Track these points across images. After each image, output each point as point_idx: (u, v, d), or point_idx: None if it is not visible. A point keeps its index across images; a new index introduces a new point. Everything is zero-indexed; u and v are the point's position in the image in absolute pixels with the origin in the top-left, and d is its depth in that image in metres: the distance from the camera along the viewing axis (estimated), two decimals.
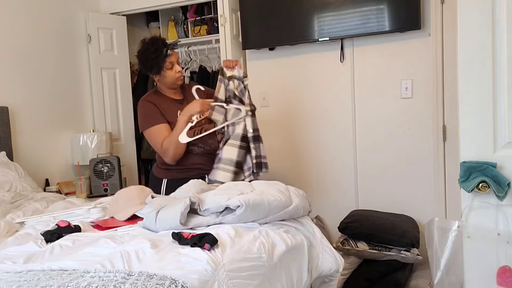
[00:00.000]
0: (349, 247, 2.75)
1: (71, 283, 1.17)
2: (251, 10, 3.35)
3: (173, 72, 2.46)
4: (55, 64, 3.51)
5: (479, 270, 1.59)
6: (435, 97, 2.91)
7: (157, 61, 2.41)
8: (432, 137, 2.96)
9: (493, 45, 1.53)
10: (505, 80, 1.54)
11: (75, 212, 2.13)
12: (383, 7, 2.95)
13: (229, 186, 1.96)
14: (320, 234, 1.94)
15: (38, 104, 3.36)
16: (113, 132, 3.80)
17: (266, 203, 1.75)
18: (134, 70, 4.25)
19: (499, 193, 1.48)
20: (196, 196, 1.76)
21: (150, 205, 1.79)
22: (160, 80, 2.49)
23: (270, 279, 1.54)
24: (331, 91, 3.26)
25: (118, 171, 3.35)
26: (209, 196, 1.80)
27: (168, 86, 2.51)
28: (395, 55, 3.05)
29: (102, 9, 3.90)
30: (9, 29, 3.16)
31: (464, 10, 1.55)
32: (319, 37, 3.14)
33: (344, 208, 3.17)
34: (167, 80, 2.48)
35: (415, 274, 2.84)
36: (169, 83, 2.49)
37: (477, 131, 1.57)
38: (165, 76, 2.46)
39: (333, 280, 1.96)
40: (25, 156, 3.22)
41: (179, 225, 1.66)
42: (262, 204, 1.73)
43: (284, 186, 1.99)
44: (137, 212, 1.87)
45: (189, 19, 4.19)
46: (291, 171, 3.42)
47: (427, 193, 3.01)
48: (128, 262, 1.35)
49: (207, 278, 1.28)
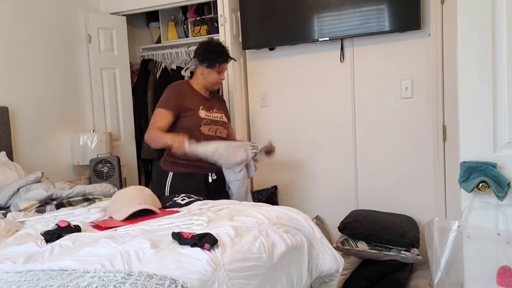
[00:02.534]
0: (349, 247, 2.75)
1: (71, 283, 1.17)
2: (251, 10, 3.35)
3: (217, 76, 2.65)
4: (55, 64, 3.51)
5: (479, 270, 1.59)
6: (435, 97, 2.91)
7: (216, 56, 2.61)
8: (432, 137, 2.96)
9: (493, 45, 1.53)
10: (505, 80, 1.54)
11: (75, 212, 2.13)
12: (383, 7, 2.95)
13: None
14: (320, 234, 1.94)
15: (38, 104, 3.36)
16: (113, 132, 3.80)
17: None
18: (134, 70, 4.25)
19: (499, 193, 1.48)
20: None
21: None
22: (202, 74, 2.65)
23: (270, 279, 1.54)
24: (331, 91, 3.26)
25: (118, 171, 3.35)
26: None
27: (204, 84, 2.67)
28: (395, 55, 3.05)
29: (102, 9, 3.90)
30: (9, 29, 3.16)
31: (464, 10, 1.55)
32: (319, 37, 3.14)
33: (344, 208, 3.17)
34: (208, 78, 2.65)
35: (415, 274, 2.84)
36: (208, 82, 2.66)
37: (477, 131, 1.57)
38: (210, 74, 2.64)
39: (333, 280, 1.96)
40: (25, 156, 3.22)
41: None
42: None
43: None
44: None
45: (189, 19, 4.18)
46: (291, 171, 3.42)
47: (427, 193, 3.01)
48: (128, 262, 1.35)
49: (207, 278, 1.28)
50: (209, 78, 2.64)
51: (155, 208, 2.05)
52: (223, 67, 2.65)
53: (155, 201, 2.15)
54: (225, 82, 3.40)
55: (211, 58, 2.61)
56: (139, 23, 4.54)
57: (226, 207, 2.04)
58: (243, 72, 3.54)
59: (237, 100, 3.44)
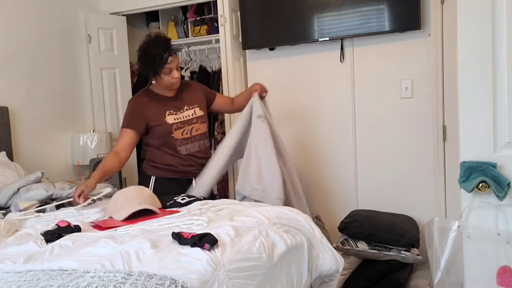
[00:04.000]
0: (349, 247, 2.75)
1: (71, 283, 1.17)
2: (251, 10, 3.35)
3: (169, 77, 2.44)
4: (55, 64, 3.51)
5: (479, 270, 1.59)
6: (435, 97, 2.91)
7: (154, 66, 2.39)
8: (432, 137, 2.96)
9: (493, 45, 1.53)
10: (505, 80, 1.54)
11: (75, 212, 2.13)
12: (383, 7, 2.95)
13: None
14: (320, 234, 1.93)
15: (38, 104, 3.36)
16: (113, 132, 3.80)
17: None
18: (134, 70, 4.25)
19: (499, 193, 1.48)
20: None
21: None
22: (156, 80, 2.50)
23: (270, 279, 1.54)
24: (331, 91, 3.26)
25: (118, 171, 3.35)
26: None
27: (163, 87, 2.53)
28: (395, 55, 3.05)
29: (102, 9, 3.90)
30: (9, 29, 3.16)
31: (464, 10, 1.55)
32: (319, 37, 3.14)
33: (344, 208, 3.17)
34: (162, 83, 2.49)
35: (415, 274, 2.84)
36: (165, 86, 2.50)
37: (477, 131, 1.57)
38: (161, 79, 2.46)
39: (333, 280, 1.96)
40: (25, 156, 3.22)
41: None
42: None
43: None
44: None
45: (189, 19, 4.18)
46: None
47: (427, 193, 3.01)
48: (128, 262, 1.35)
49: (207, 278, 1.28)
50: (162, 83, 2.47)
51: (155, 208, 2.05)
52: (169, 68, 2.40)
53: (155, 201, 2.15)
54: (225, 82, 3.40)
55: (150, 68, 2.41)
56: (139, 23, 4.54)
57: (226, 207, 2.04)
58: (243, 72, 3.54)
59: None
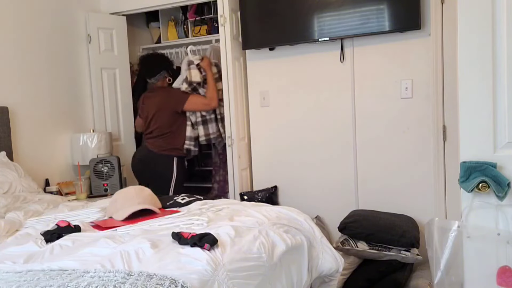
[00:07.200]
0: (349, 247, 2.75)
1: (71, 283, 1.17)
2: (251, 10, 3.35)
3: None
4: (55, 64, 3.51)
5: (479, 270, 1.59)
6: (435, 97, 2.91)
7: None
8: (432, 137, 2.96)
9: (493, 45, 1.53)
10: (505, 80, 1.54)
11: (75, 212, 2.13)
12: (383, 7, 2.95)
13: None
14: (320, 234, 1.94)
15: (38, 104, 3.36)
16: (113, 132, 3.80)
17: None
18: (134, 70, 4.25)
19: (499, 193, 1.48)
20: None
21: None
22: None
23: (270, 279, 1.54)
24: (331, 91, 3.26)
25: (118, 171, 3.35)
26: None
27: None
28: (395, 55, 3.05)
29: (102, 9, 3.90)
30: (9, 29, 3.16)
31: (464, 10, 1.55)
32: (319, 37, 3.14)
33: (344, 208, 3.17)
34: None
35: (415, 274, 2.84)
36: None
37: (477, 131, 1.57)
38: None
39: (333, 280, 1.97)
40: (25, 156, 3.22)
41: None
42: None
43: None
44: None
45: (189, 19, 4.18)
46: (291, 171, 3.42)
47: (427, 193, 3.01)
48: (128, 262, 1.35)
49: (207, 278, 1.28)
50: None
51: (155, 208, 2.05)
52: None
53: (155, 201, 2.15)
54: (225, 82, 3.40)
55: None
56: (139, 23, 4.54)
57: (226, 207, 2.04)
58: (243, 72, 3.54)
59: (237, 100, 3.44)
